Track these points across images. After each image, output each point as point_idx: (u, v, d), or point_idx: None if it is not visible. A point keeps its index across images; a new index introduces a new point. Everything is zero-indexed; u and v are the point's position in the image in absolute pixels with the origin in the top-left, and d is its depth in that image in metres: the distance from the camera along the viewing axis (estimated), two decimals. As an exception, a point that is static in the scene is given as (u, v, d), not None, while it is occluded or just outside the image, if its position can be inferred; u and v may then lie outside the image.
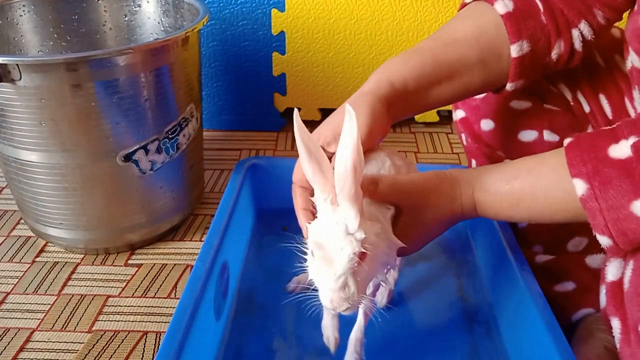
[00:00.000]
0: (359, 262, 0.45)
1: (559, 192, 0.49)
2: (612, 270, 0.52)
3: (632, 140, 0.45)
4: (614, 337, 0.51)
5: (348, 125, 0.43)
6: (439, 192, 0.55)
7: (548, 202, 0.51)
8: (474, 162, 0.77)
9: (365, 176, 0.50)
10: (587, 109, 0.67)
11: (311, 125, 1.27)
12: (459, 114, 0.75)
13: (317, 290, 0.47)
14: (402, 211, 0.52)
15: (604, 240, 0.47)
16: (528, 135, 0.68)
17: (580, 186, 0.47)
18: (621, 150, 0.45)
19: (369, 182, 0.50)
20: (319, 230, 0.47)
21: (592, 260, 0.68)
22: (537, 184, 0.51)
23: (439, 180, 0.56)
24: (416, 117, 1.26)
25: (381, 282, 0.55)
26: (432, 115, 1.26)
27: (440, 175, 0.56)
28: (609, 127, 0.48)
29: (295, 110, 0.48)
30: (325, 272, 0.46)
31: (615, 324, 0.51)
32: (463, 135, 0.75)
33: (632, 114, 0.65)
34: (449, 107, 1.22)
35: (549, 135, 0.67)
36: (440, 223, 0.56)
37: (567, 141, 0.49)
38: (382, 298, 0.66)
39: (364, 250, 0.45)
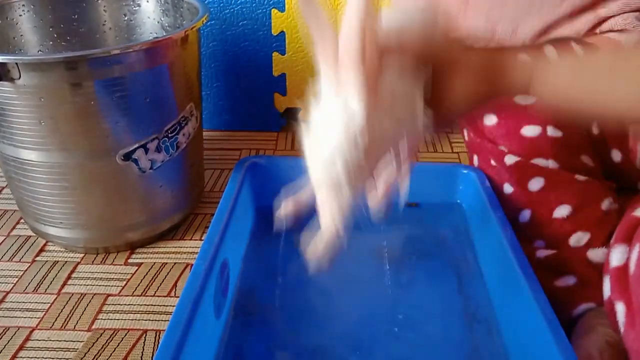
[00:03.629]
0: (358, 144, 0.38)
1: None
2: (617, 256, 0.52)
3: None
4: (617, 321, 0.51)
5: None
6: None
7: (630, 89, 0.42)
8: (475, 158, 0.77)
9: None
10: (590, 103, 0.67)
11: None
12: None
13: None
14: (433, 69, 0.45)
15: None
16: (531, 131, 0.67)
17: None
18: None
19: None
20: (319, 115, 0.40)
21: (594, 254, 0.68)
22: (618, 67, 0.43)
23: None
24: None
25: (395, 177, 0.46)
26: (432, 115, 1.26)
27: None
28: None
29: None
30: (316, 151, 0.40)
31: (620, 308, 0.50)
32: (465, 130, 0.75)
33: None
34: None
35: (552, 131, 0.66)
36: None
37: None
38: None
39: (362, 127, 0.38)
